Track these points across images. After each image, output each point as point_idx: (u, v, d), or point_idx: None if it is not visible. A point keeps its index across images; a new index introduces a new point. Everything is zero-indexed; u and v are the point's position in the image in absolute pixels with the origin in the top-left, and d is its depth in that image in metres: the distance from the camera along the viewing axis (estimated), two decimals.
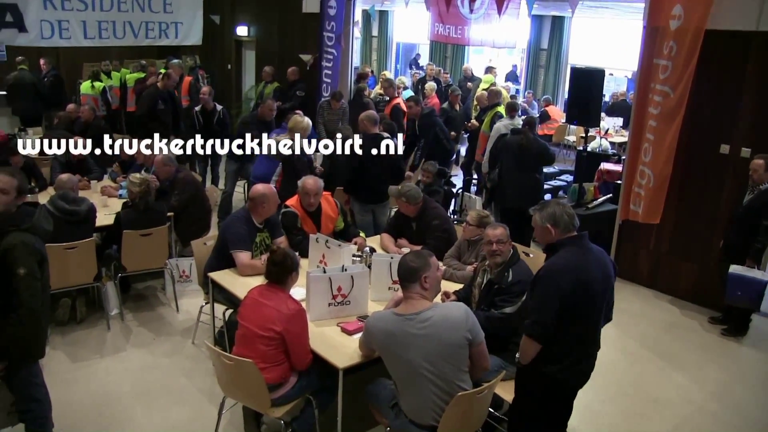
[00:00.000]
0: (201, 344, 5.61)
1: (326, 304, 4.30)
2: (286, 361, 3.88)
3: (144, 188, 5.94)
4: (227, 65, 13.56)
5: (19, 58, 11.39)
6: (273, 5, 12.10)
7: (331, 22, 10.51)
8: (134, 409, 4.78)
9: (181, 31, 10.85)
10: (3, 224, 3.48)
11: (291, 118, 7.22)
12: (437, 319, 3.37)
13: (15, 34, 9.34)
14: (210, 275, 5.00)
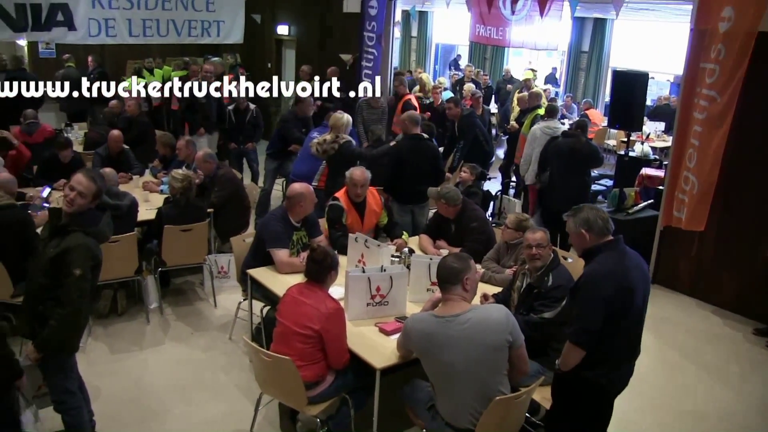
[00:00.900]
0: (238, 340, 5.66)
1: (364, 304, 4.30)
2: (323, 360, 3.89)
3: (186, 184, 6.01)
4: (267, 64, 13.66)
5: (66, 56, 11.65)
6: (314, 5, 12.15)
7: (371, 22, 10.52)
8: (172, 402, 4.83)
9: (223, 29, 10.95)
10: (70, 224, 3.56)
11: (331, 115, 7.25)
12: (477, 321, 3.34)
13: (65, 33, 9.56)
14: (248, 272, 5.03)
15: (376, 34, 10.51)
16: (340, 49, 11.35)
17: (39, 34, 9.63)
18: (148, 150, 8.22)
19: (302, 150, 7.38)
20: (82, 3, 9.55)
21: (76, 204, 3.58)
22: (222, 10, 10.83)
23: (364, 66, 10.70)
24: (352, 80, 10.84)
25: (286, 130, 8.05)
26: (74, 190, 3.58)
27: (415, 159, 6.51)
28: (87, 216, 3.63)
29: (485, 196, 7.68)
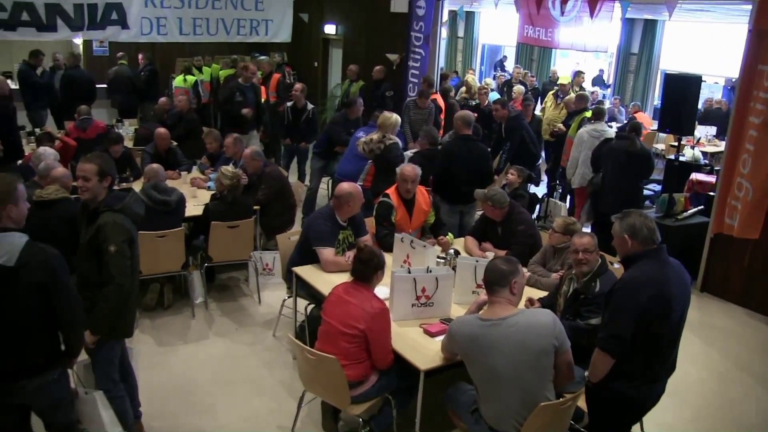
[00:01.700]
0: (282, 337, 5.70)
1: (409, 304, 4.29)
2: (367, 359, 3.89)
3: (234, 182, 6.08)
4: (314, 63, 13.75)
5: (119, 54, 11.90)
6: (361, 4, 12.18)
7: (419, 22, 10.50)
8: (215, 396, 4.88)
9: (271, 28, 11.07)
10: (97, 206, 3.63)
11: (379, 115, 7.26)
12: (523, 325, 3.31)
13: (118, 31, 9.79)
14: (294, 270, 5.06)
15: (423, 34, 10.49)
16: (386, 49, 11.35)
17: (94, 33, 9.87)
18: (195, 146, 8.34)
19: (348, 150, 7.40)
20: (136, 2, 9.77)
21: (86, 189, 3.63)
22: (270, 9, 10.95)
23: (411, 66, 10.69)
24: (399, 80, 10.85)
25: (334, 132, 8.10)
26: (80, 177, 3.65)
27: (465, 159, 6.47)
28: (111, 196, 3.69)
29: (532, 198, 7.60)
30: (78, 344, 3.36)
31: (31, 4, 8.91)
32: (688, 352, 4.92)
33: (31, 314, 3.07)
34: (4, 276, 2.93)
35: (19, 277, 2.96)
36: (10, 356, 3.08)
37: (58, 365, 3.30)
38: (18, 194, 3.10)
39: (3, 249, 2.94)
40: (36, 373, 3.17)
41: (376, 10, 11.70)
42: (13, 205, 3.05)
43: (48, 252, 3.08)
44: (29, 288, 3.01)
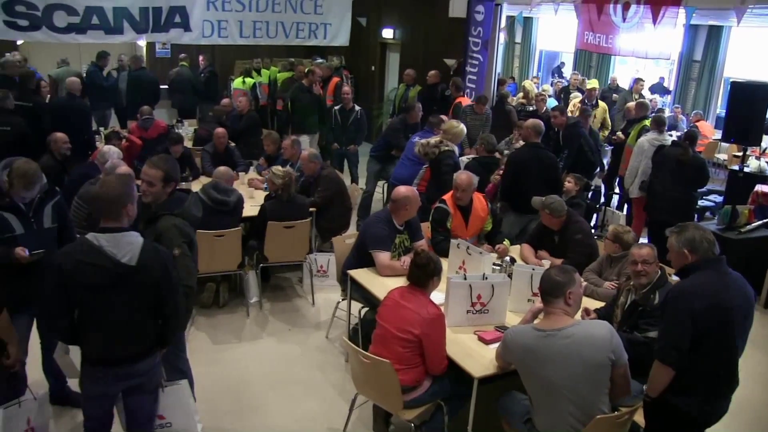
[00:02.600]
0: (334, 339, 5.74)
1: (464, 311, 4.27)
2: (421, 365, 3.88)
3: (286, 180, 6.15)
4: (371, 67, 13.80)
5: (182, 56, 12.17)
6: (419, 9, 12.18)
7: (477, 27, 10.45)
8: (268, 395, 4.94)
9: (329, 32, 11.15)
10: (157, 210, 3.72)
11: (440, 119, 7.25)
12: (580, 337, 3.25)
13: (181, 33, 10.02)
14: (349, 272, 5.08)
15: (481, 39, 10.44)
16: (444, 54, 11.32)
17: (158, 35, 10.12)
18: (254, 147, 8.46)
19: (404, 155, 7.41)
20: (198, 5, 9.97)
21: (149, 193, 3.73)
22: (329, 13, 11.03)
23: (469, 71, 10.64)
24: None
25: (392, 136, 8.13)
26: (144, 181, 3.75)
27: (534, 168, 6.42)
28: (171, 200, 3.77)
29: (589, 207, 7.49)
30: (174, 334, 3.50)
31: (100, 8, 9.22)
32: (752, 371, 4.77)
33: (148, 306, 3.23)
34: (128, 274, 3.09)
35: (139, 274, 3.12)
36: (131, 343, 3.26)
37: (156, 351, 3.44)
38: (135, 193, 3.28)
39: (125, 249, 3.08)
40: (149, 354, 3.35)
41: (435, 15, 11.69)
42: (132, 205, 3.21)
43: (161, 251, 3.26)
44: (148, 284, 3.17)
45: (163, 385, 3.63)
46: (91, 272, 3.04)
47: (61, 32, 9.22)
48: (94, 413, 3.38)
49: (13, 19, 8.86)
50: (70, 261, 3.04)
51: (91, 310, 3.13)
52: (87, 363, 3.28)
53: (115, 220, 3.13)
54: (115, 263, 3.06)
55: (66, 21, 9.16)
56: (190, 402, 3.78)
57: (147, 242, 3.19)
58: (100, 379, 3.26)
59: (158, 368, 3.49)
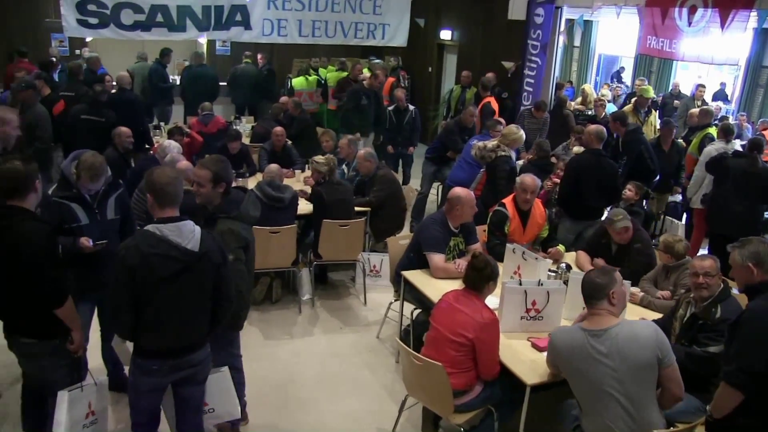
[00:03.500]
0: (385, 339, 5.75)
1: (518, 317, 4.23)
2: (473, 369, 3.86)
3: (331, 166, 6.25)
4: (428, 68, 13.77)
5: (246, 53, 12.35)
6: (478, 11, 12.10)
7: (537, 30, 10.35)
8: (317, 393, 4.97)
9: (388, 32, 11.19)
10: (214, 212, 3.78)
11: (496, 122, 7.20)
12: (625, 337, 3.22)
13: (241, 32, 10.22)
14: (403, 273, 5.08)
15: (540, 42, 10.33)
16: (502, 57, 11.23)
17: (219, 33, 10.33)
18: (309, 146, 8.53)
19: (461, 157, 7.38)
20: (259, 4, 10.14)
21: (200, 194, 3.79)
22: (388, 14, 11.06)
23: (527, 75, 10.53)
24: (514, 88, 10.72)
25: (450, 139, 8.11)
26: (195, 182, 3.82)
27: (594, 175, 6.31)
28: (228, 202, 3.82)
29: (647, 215, 7.33)
30: (227, 317, 3.54)
31: (165, 6, 9.45)
32: None
33: (208, 291, 3.31)
34: (194, 260, 3.18)
35: (203, 260, 3.21)
36: (192, 331, 3.35)
37: (208, 340, 3.52)
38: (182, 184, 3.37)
39: (188, 236, 3.17)
40: (204, 344, 3.44)
41: (494, 17, 11.59)
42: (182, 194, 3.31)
43: (215, 236, 3.36)
44: (209, 269, 3.26)
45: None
46: (160, 263, 3.11)
47: (128, 29, 9.51)
48: (144, 406, 3.44)
49: (84, 18, 9.18)
50: (136, 255, 3.09)
51: (156, 302, 3.18)
52: (141, 356, 3.33)
53: (173, 209, 3.22)
54: (182, 251, 3.14)
55: (132, 19, 9.43)
56: (231, 388, 3.83)
57: (203, 230, 3.28)
58: (155, 372, 3.31)
59: (210, 358, 3.55)
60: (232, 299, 3.47)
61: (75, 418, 3.62)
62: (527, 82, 10.55)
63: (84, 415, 3.68)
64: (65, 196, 4.05)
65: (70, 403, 3.58)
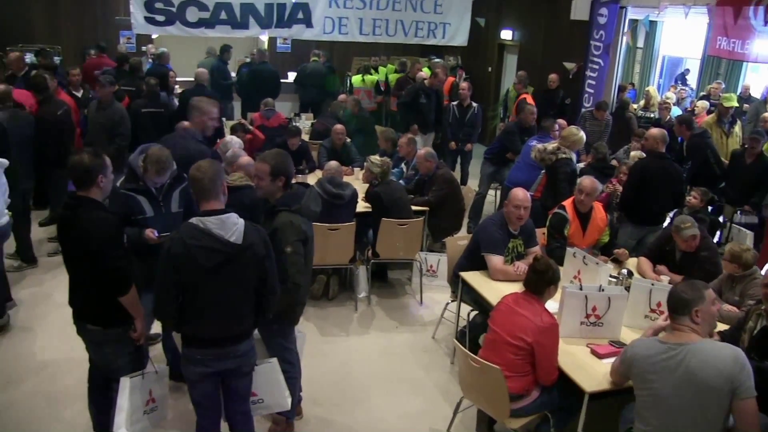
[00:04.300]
0: (441, 340, 5.73)
1: (578, 322, 4.16)
2: (531, 373, 3.82)
3: (385, 168, 6.28)
4: (488, 68, 13.66)
5: (315, 51, 12.46)
6: (540, 11, 11.96)
7: (600, 31, 10.18)
8: (371, 390, 5.00)
9: (448, 31, 11.12)
10: (275, 205, 3.83)
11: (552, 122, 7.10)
12: (701, 357, 3.06)
13: (303, 29, 10.29)
14: (461, 274, 5.06)
15: (603, 43, 10.16)
16: (564, 57, 11.07)
17: (281, 31, 10.41)
18: (368, 144, 8.56)
19: (520, 158, 7.30)
20: (321, 2, 10.21)
21: (260, 187, 3.87)
22: (449, 13, 11.00)
23: (588, 76, 10.37)
24: (575, 89, 10.56)
25: (509, 140, 8.04)
26: (255, 175, 3.90)
27: (659, 179, 6.18)
28: (290, 196, 3.86)
29: (713, 223, 7.12)
30: (273, 309, 3.57)
31: (229, 4, 9.61)
32: None
33: (252, 284, 3.37)
34: (237, 253, 3.23)
35: (246, 252, 3.25)
36: (235, 322, 3.41)
37: (252, 332, 3.59)
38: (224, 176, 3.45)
39: (231, 229, 3.22)
40: (248, 336, 3.51)
41: (556, 17, 11.44)
42: (225, 188, 3.37)
43: (260, 229, 3.42)
44: (253, 262, 3.31)
45: (255, 363, 3.74)
46: (203, 254, 3.17)
47: (192, 27, 9.69)
48: (197, 393, 3.52)
49: (152, 15, 9.41)
50: (180, 246, 3.17)
51: (199, 292, 3.25)
52: (187, 345, 3.42)
53: (216, 202, 3.28)
54: (224, 243, 3.19)
55: (197, 16, 9.61)
56: (281, 379, 3.87)
57: (247, 222, 3.32)
58: (199, 361, 3.38)
59: (254, 350, 3.61)
60: (276, 292, 3.50)
61: (136, 405, 3.71)
62: (589, 84, 10.40)
63: (144, 402, 3.77)
64: (132, 188, 4.19)
65: (131, 389, 3.67)
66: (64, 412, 4.52)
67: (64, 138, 6.92)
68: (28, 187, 6.52)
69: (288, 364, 4.09)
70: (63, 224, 3.57)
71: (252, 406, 3.80)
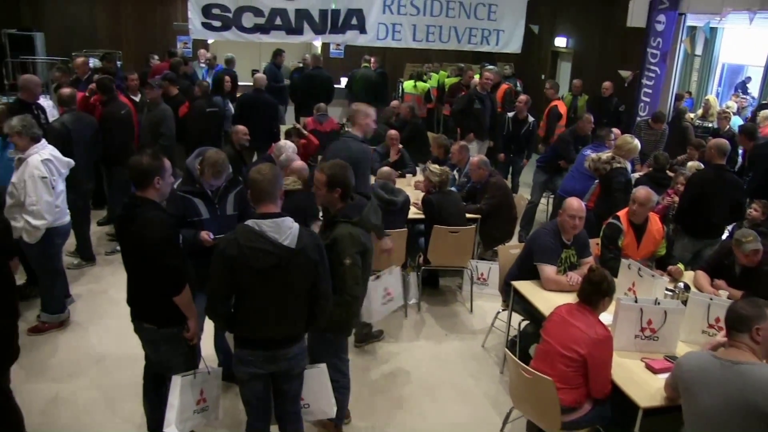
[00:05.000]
0: (491, 349, 5.69)
1: (632, 335, 4.08)
2: (583, 386, 3.76)
3: (444, 178, 6.24)
4: (541, 75, 13.54)
5: (366, 57, 12.57)
6: (596, 18, 11.81)
7: (657, 38, 10.00)
8: (421, 398, 4.98)
9: (502, 38, 11.06)
10: (335, 216, 3.85)
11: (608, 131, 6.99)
12: (753, 378, 2.95)
13: (356, 35, 10.38)
14: (513, 284, 5.02)
15: (660, 51, 9.98)
16: (619, 65, 10.91)
17: (334, 37, 10.52)
18: (420, 150, 8.57)
19: (575, 167, 7.20)
20: (375, 9, 10.27)
21: (318, 196, 3.92)
22: (503, 20, 10.94)
23: (644, 84, 10.19)
24: (630, 98, 10.39)
25: (564, 149, 7.96)
26: (314, 184, 3.91)
27: (717, 191, 6.03)
28: (350, 207, 3.88)
29: None
30: (326, 315, 3.60)
31: (284, 10, 9.75)
32: None
33: (303, 288, 3.40)
34: (290, 256, 3.27)
35: (299, 256, 3.29)
36: (286, 325, 3.44)
37: (304, 336, 3.63)
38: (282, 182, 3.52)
39: (285, 233, 3.27)
40: (299, 339, 3.54)
41: (612, 24, 11.29)
42: (282, 192, 3.43)
43: (313, 234, 3.46)
44: (306, 266, 3.34)
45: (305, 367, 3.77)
46: (256, 256, 3.21)
47: (248, 32, 9.86)
48: (247, 393, 3.57)
49: (209, 21, 9.62)
50: (235, 247, 3.22)
51: (252, 294, 3.31)
52: (238, 346, 3.48)
53: (273, 205, 3.32)
54: (278, 246, 3.23)
55: (252, 21, 9.79)
56: (328, 385, 3.89)
57: (302, 227, 3.35)
58: (251, 362, 3.43)
59: (305, 354, 3.64)
60: (329, 297, 3.52)
61: (186, 403, 3.78)
62: (645, 92, 10.22)
63: (195, 401, 3.84)
64: (189, 190, 4.27)
65: (182, 387, 3.74)
66: (120, 407, 4.65)
67: (125, 138, 7.14)
68: (88, 187, 6.73)
69: (340, 374, 4.13)
70: (121, 223, 3.68)
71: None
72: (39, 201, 5.05)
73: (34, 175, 5.05)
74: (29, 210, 5.05)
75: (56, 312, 5.61)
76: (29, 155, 5.09)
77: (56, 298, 5.62)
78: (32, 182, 5.04)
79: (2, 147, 5.71)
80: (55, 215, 5.25)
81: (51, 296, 5.58)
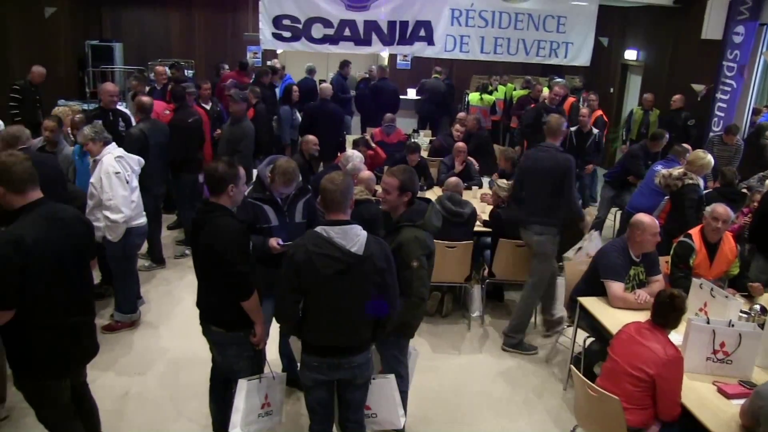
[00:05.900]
0: (554, 365, 5.62)
1: (704, 357, 3.97)
2: (651, 407, 3.69)
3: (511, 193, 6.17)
4: (610, 88, 13.31)
5: (437, 68, 12.62)
6: (668, 30, 11.52)
7: (734, 51, 9.70)
8: (482, 410, 4.97)
9: (570, 51, 10.95)
10: (399, 220, 3.90)
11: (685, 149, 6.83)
12: None
13: (424, 47, 10.44)
14: (579, 300, 4.94)
15: (737, 64, 9.65)
16: (692, 79, 10.61)
17: (402, 48, 10.60)
18: (486, 163, 8.54)
19: (644, 183, 7.03)
20: (443, 20, 10.31)
21: (386, 201, 3.94)
22: (572, 32, 10.84)
23: (719, 98, 9.88)
24: (702, 113, 10.10)
25: (633, 164, 7.81)
26: (382, 189, 3.98)
27: None
28: (413, 211, 3.91)
29: None
30: (393, 325, 3.63)
31: (353, 21, 9.89)
32: None
33: (369, 295, 3.42)
34: (357, 263, 3.31)
35: (366, 263, 3.33)
36: (351, 333, 3.48)
37: (370, 345, 3.66)
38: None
39: (353, 240, 3.32)
40: (364, 348, 3.57)
41: (685, 37, 10.98)
42: (353, 201, 3.50)
43: (382, 242, 3.48)
44: (372, 273, 3.37)
45: (372, 377, 3.79)
46: (323, 262, 3.26)
47: (317, 43, 10.03)
48: (311, 399, 3.62)
49: (279, 31, 9.82)
50: (303, 252, 3.28)
51: (318, 300, 3.36)
52: (305, 351, 3.53)
53: (342, 213, 3.38)
54: (345, 252, 3.27)
55: (322, 33, 9.96)
56: (396, 395, 3.91)
57: (369, 234, 3.38)
58: (316, 368, 3.48)
59: (370, 363, 3.66)
60: (396, 307, 3.54)
61: (251, 407, 3.85)
62: (719, 107, 9.90)
63: (260, 405, 3.90)
64: (259, 197, 4.37)
65: (248, 391, 3.82)
66: (186, 406, 4.78)
67: (192, 145, 7.32)
68: (160, 191, 6.95)
69: (398, 377, 4.13)
70: (194, 228, 3.78)
71: (365, 420, 3.86)
72: (115, 195, 5.32)
73: (108, 171, 5.34)
74: (107, 205, 5.32)
75: (129, 312, 5.82)
76: (102, 155, 5.39)
77: (129, 298, 5.83)
78: (107, 178, 5.32)
79: (81, 154, 5.98)
80: (132, 209, 5.50)
81: (125, 296, 5.80)
